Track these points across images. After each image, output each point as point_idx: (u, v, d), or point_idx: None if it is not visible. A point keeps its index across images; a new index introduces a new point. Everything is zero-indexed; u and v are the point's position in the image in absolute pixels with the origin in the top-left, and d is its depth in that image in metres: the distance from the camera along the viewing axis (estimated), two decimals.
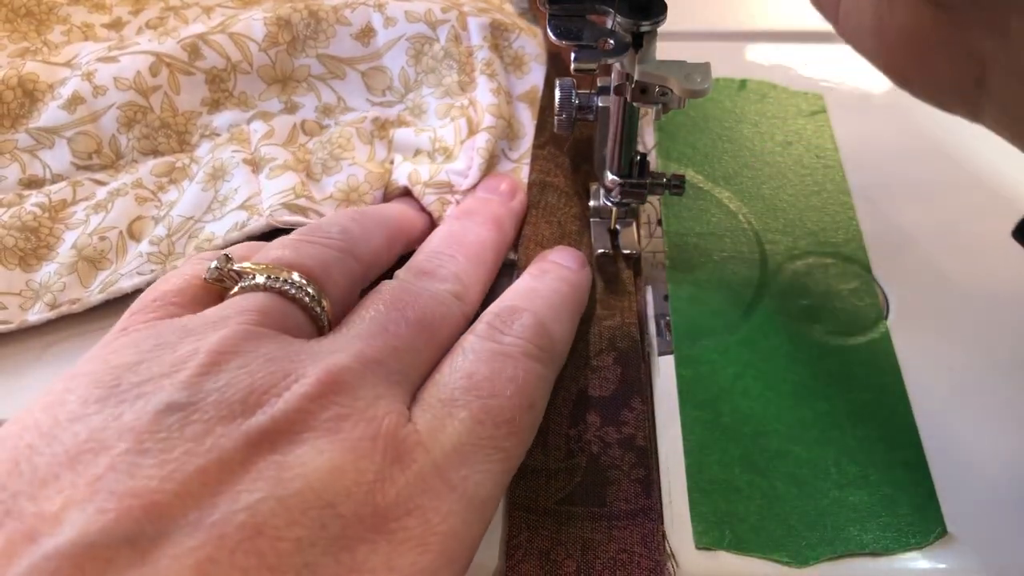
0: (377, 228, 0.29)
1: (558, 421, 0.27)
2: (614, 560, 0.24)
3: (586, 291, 0.30)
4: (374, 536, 0.19)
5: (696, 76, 0.26)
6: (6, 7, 0.40)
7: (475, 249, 0.30)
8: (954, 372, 0.29)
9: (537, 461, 0.26)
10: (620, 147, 0.30)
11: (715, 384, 0.29)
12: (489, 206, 0.32)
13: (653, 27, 0.25)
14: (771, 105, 0.39)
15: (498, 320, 0.26)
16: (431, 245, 0.30)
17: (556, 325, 0.27)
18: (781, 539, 0.25)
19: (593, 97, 0.30)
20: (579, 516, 0.25)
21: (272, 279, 0.24)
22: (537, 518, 0.25)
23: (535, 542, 0.25)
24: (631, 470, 0.26)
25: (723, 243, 0.33)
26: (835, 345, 0.30)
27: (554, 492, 0.26)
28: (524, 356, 0.24)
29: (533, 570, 0.24)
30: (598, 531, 0.25)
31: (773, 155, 0.37)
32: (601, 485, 0.26)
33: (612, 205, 0.32)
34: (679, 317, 0.31)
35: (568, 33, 0.26)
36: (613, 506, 0.25)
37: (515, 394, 0.23)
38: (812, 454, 0.27)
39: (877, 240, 0.33)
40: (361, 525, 0.19)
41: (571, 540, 0.25)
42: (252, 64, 0.36)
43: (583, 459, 0.26)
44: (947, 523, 0.25)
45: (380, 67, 0.37)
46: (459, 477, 0.21)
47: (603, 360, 0.29)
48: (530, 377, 0.24)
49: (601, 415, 0.27)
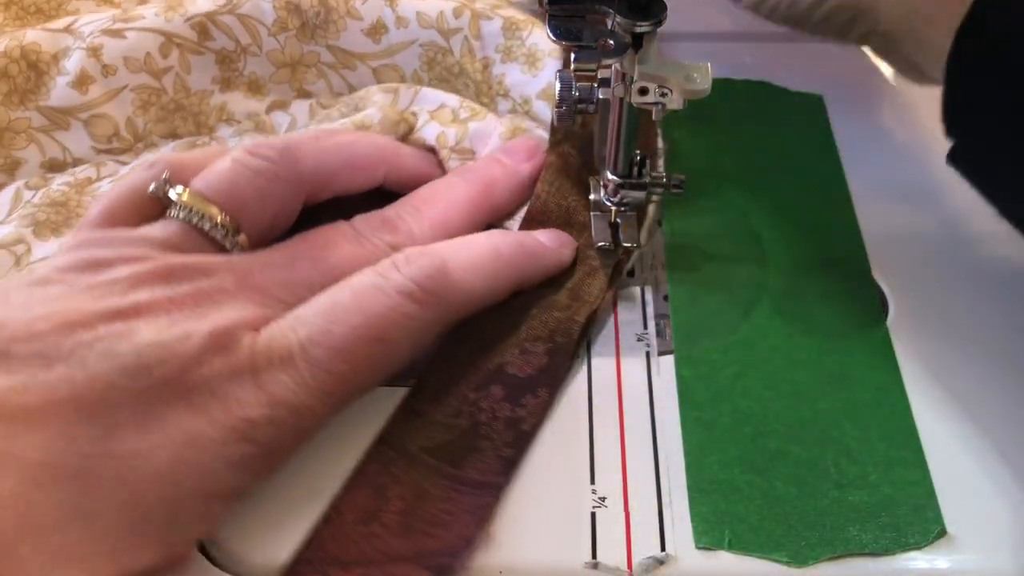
0: (336, 151, 0.30)
1: (464, 383, 0.28)
2: (435, 516, 0.25)
3: (544, 267, 0.30)
4: (175, 400, 0.22)
5: (696, 76, 0.26)
6: (16, 4, 0.40)
7: (447, 210, 0.31)
8: (954, 372, 0.29)
9: (424, 408, 0.27)
10: (619, 147, 0.30)
11: (715, 384, 0.29)
12: (489, 168, 0.32)
13: (653, 27, 0.25)
14: (771, 105, 0.39)
15: (400, 259, 0.27)
16: (410, 196, 0.31)
17: (469, 277, 0.28)
18: (781, 539, 0.25)
19: (593, 89, 0.30)
20: (431, 468, 0.26)
21: (191, 214, 0.27)
22: (396, 456, 0.26)
23: (379, 476, 0.26)
24: (502, 447, 0.27)
25: (723, 243, 0.33)
26: (835, 345, 0.30)
27: (423, 440, 0.27)
28: (399, 294, 0.26)
29: (362, 498, 0.25)
30: (438, 487, 0.26)
31: (773, 155, 0.37)
32: (466, 450, 0.26)
33: (612, 205, 0.32)
34: (679, 317, 0.31)
35: (568, 33, 0.26)
36: (466, 471, 0.26)
37: (362, 325, 0.25)
38: (812, 454, 0.27)
39: (877, 240, 0.33)
40: (167, 388, 0.22)
41: (410, 485, 0.26)
42: (262, 48, 0.36)
43: (465, 422, 0.27)
44: (947, 523, 0.25)
45: (392, 65, 0.37)
46: (273, 381, 0.23)
47: (536, 347, 0.29)
48: (393, 315, 0.25)
49: (506, 391, 0.28)
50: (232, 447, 0.23)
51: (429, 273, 0.26)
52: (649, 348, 0.30)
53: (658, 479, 0.26)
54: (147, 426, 0.22)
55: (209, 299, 0.25)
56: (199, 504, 0.22)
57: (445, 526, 0.25)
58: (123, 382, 0.22)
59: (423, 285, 0.26)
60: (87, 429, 0.21)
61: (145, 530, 0.21)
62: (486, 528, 0.25)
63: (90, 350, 0.22)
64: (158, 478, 0.22)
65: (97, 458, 0.21)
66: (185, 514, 0.22)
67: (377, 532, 0.25)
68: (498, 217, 0.32)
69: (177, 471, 0.22)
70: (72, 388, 0.21)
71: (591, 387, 0.29)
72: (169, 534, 0.22)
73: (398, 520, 0.25)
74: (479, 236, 0.30)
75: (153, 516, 0.22)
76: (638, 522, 0.25)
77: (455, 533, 0.25)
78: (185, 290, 0.24)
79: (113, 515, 0.21)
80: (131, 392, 0.22)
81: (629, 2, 0.25)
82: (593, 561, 0.25)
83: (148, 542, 0.21)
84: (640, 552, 0.25)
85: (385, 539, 0.24)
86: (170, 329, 0.23)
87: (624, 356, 0.30)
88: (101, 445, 0.21)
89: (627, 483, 0.26)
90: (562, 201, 0.33)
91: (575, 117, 0.30)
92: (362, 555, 0.24)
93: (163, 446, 0.22)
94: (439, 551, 0.24)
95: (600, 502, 0.26)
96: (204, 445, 0.22)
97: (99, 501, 0.21)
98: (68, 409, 0.21)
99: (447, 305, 0.27)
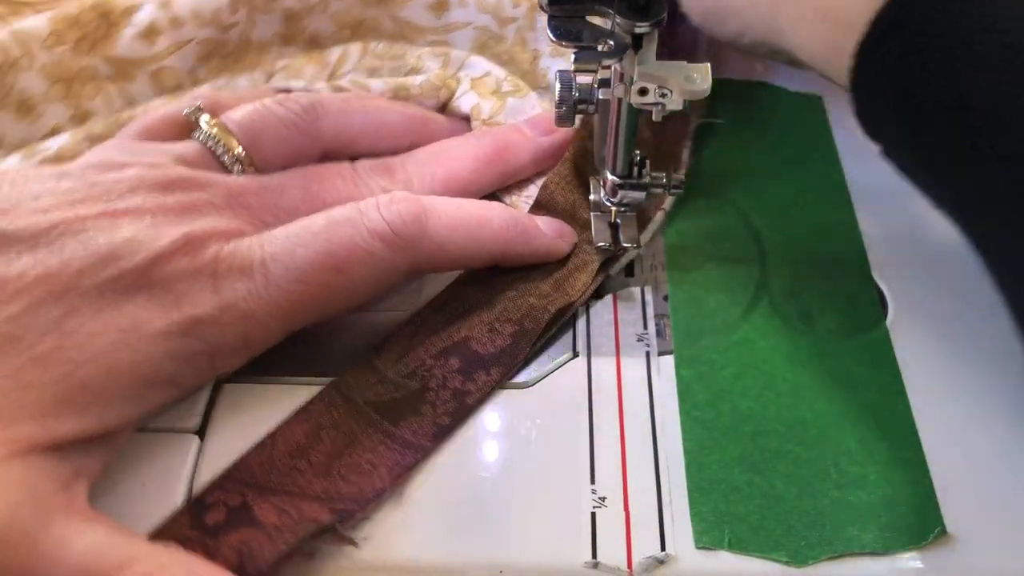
0: (363, 115, 0.32)
1: (425, 349, 0.29)
2: (357, 464, 0.26)
3: (534, 249, 0.30)
4: (135, 292, 0.25)
5: (696, 76, 0.26)
6: None
7: (453, 165, 0.32)
8: (954, 372, 0.29)
9: (382, 365, 0.28)
10: (619, 147, 0.30)
11: (715, 384, 0.29)
12: (507, 134, 0.33)
13: (652, 28, 0.25)
14: (770, 105, 0.39)
15: (384, 199, 0.28)
16: (421, 149, 0.33)
17: (446, 233, 0.28)
18: (781, 539, 0.25)
19: (594, 89, 0.30)
20: (369, 420, 0.27)
21: (211, 139, 0.29)
22: (341, 402, 0.27)
23: (320, 417, 0.27)
24: (442, 415, 0.27)
25: (723, 243, 0.33)
26: (835, 345, 0.30)
27: (371, 394, 0.28)
28: (370, 232, 0.27)
29: (299, 434, 0.27)
30: (370, 439, 0.27)
31: (773, 155, 0.37)
32: (408, 411, 0.27)
33: (612, 206, 0.32)
34: (679, 317, 0.31)
35: (568, 34, 0.26)
36: (401, 430, 0.27)
37: (324, 252, 0.26)
38: (812, 454, 0.27)
39: (877, 240, 0.33)
40: (129, 279, 0.24)
41: (345, 431, 0.27)
42: (328, 8, 0.37)
43: (416, 384, 0.28)
44: (947, 523, 0.25)
45: (445, 42, 0.38)
46: (229, 288, 0.25)
47: (504, 328, 0.29)
48: (359, 250, 0.27)
49: (462, 364, 0.28)
50: (175, 340, 0.25)
51: (406, 218, 0.27)
52: (649, 348, 0.30)
53: (658, 479, 0.26)
54: (102, 311, 0.24)
55: (195, 210, 0.27)
56: (135, 387, 0.25)
57: (363, 475, 0.26)
58: (92, 270, 0.24)
59: (396, 228, 0.27)
60: (49, 309, 0.23)
61: (78, 402, 0.23)
62: (399, 485, 0.26)
63: (72, 239, 0.24)
64: (99, 356, 0.24)
65: (49, 334, 0.23)
66: (120, 393, 0.24)
67: (301, 467, 0.26)
68: (511, 180, 0.33)
69: (119, 353, 0.24)
70: (45, 270, 0.24)
71: (591, 387, 0.29)
72: (102, 409, 0.24)
73: (323, 461, 0.26)
74: (474, 200, 0.30)
75: (88, 390, 0.24)
76: (638, 522, 0.25)
77: (369, 484, 0.26)
78: (176, 199, 0.27)
79: (50, 386, 0.23)
80: (97, 280, 0.24)
81: (629, 2, 0.25)
82: (593, 561, 0.25)
83: (80, 414, 0.24)
84: (640, 552, 0.25)
85: (307, 475, 0.26)
86: (147, 230, 0.25)
87: (624, 356, 0.30)
88: (57, 323, 0.23)
89: (627, 483, 0.26)
90: (569, 196, 0.33)
91: (575, 118, 0.30)
92: (281, 485, 0.25)
93: (111, 330, 0.24)
94: (348, 496, 0.25)
95: (600, 502, 0.26)
96: (148, 333, 0.24)
97: (39, 371, 0.23)
98: (37, 288, 0.23)
99: (416, 253, 0.28)
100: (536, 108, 0.35)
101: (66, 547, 0.22)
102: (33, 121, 0.35)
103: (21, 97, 0.35)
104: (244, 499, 0.25)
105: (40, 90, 0.35)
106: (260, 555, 0.24)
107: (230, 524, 0.24)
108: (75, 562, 0.22)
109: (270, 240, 0.27)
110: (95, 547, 0.22)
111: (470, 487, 0.26)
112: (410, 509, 0.26)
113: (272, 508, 0.25)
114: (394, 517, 0.26)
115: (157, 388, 0.25)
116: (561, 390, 0.29)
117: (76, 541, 0.22)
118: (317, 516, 0.25)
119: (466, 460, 0.27)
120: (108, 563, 0.22)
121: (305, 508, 0.25)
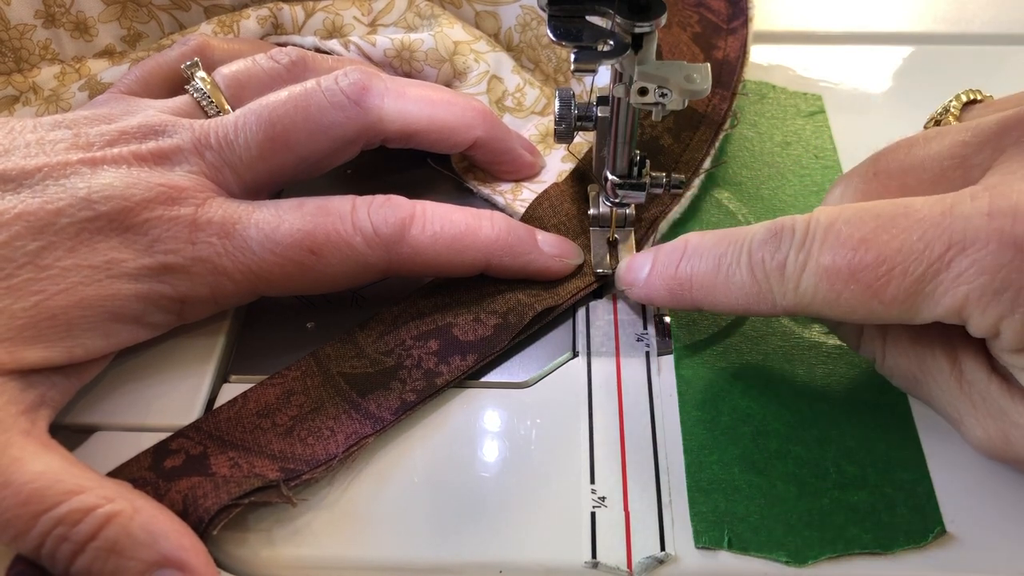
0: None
1: (407, 330, 0.30)
2: (317, 429, 0.27)
3: (524, 264, 0.30)
4: (111, 234, 0.26)
5: (696, 76, 0.26)
6: None
7: (433, 105, 0.32)
8: None
9: (364, 343, 0.29)
10: (619, 147, 0.30)
11: (715, 384, 0.29)
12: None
13: (652, 28, 0.25)
14: (770, 106, 0.39)
15: (378, 200, 0.29)
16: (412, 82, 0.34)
17: (427, 242, 0.29)
18: (781, 539, 0.25)
19: (592, 107, 0.30)
20: (338, 390, 0.28)
21: (203, 96, 0.31)
22: (316, 371, 0.28)
23: (294, 383, 0.28)
24: (408, 392, 0.28)
25: None
26: (835, 345, 0.30)
27: (346, 367, 0.29)
28: (354, 227, 0.28)
29: (270, 396, 0.28)
30: (336, 407, 0.27)
31: (772, 155, 0.37)
32: (377, 386, 0.28)
33: (611, 206, 0.32)
34: (679, 317, 0.31)
35: (568, 34, 0.26)
36: (367, 402, 0.28)
37: (305, 233, 0.28)
38: (812, 454, 0.27)
39: None
40: (104, 219, 0.26)
41: (314, 398, 0.28)
42: None
43: (392, 361, 0.29)
44: (946, 523, 0.25)
45: (494, 13, 0.38)
46: (206, 242, 0.27)
47: (488, 319, 0.30)
48: (339, 240, 0.28)
49: (439, 347, 0.29)
50: (144, 282, 0.27)
51: (389, 220, 0.28)
52: (649, 348, 0.30)
53: (658, 479, 0.26)
54: (78, 249, 0.26)
55: (167, 157, 0.28)
56: (103, 321, 0.26)
57: (320, 439, 0.26)
58: (70, 211, 0.26)
59: (379, 230, 0.28)
60: (27, 243, 0.25)
61: (46, 332, 0.25)
62: (351, 455, 0.26)
63: (54, 183, 0.26)
64: (70, 289, 0.25)
65: (25, 267, 0.25)
66: (87, 326, 0.26)
67: (265, 427, 0.27)
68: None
69: (89, 288, 0.26)
70: (26, 208, 0.26)
71: (591, 387, 0.29)
72: (69, 340, 0.26)
73: (287, 424, 0.27)
74: (466, 209, 0.30)
75: (57, 321, 0.25)
76: (638, 522, 0.25)
77: (323, 449, 0.26)
78: (149, 147, 0.28)
79: (20, 314, 0.25)
80: (73, 219, 0.26)
81: (629, 2, 0.25)
82: (593, 561, 0.25)
83: (47, 343, 0.25)
84: (640, 552, 0.25)
85: (268, 435, 0.27)
86: (124, 177, 0.27)
87: (624, 356, 0.30)
88: (33, 257, 0.25)
89: (627, 483, 0.26)
90: (554, 218, 0.33)
91: (574, 135, 0.30)
92: (242, 441, 0.27)
93: (84, 266, 0.26)
94: (300, 457, 0.26)
95: (600, 502, 0.26)
96: (119, 272, 0.26)
97: (10, 300, 0.25)
98: (17, 223, 0.25)
99: (392, 255, 0.29)
100: (525, 134, 0.36)
101: (19, 469, 0.23)
102: (89, 40, 0.38)
103: (79, 18, 0.37)
104: (204, 449, 0.26)
105: (96, 11, 0.37)
106: (203, 503, 0.24)
107: (184, 470, 0.25)
108: (25, 484, 0.23)
109: (260, 210, 0.28)
110: (47, 473, 0.23)
111: (470, 487, 0.26)
112: (410, 508, 0.26)
113: (227, 461, 0.26)
114: (394, 516, 0.26)
115: (124, 325, 0.27)
116: (561, 390, 0.29)
117: (30, 464, 0.23)
118: (265, 472, 0.25)
119: (466, 460, 0.27)
120: (57, 490, 0.23)
121: (257, 464, 0.26)
